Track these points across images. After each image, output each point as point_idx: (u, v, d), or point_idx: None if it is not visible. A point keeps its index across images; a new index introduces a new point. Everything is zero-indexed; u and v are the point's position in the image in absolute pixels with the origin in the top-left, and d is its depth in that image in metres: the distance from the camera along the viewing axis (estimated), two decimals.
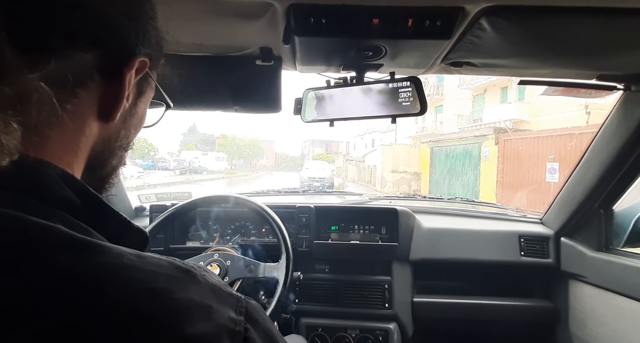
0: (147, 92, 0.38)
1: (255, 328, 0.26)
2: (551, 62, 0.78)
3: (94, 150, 0.32)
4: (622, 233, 1.09)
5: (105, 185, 0.37)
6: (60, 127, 0.28)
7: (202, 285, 0.26)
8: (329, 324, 1.23)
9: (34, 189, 0.25)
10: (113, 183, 0.38)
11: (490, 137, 8.55)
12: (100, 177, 0.36)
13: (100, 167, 0.34)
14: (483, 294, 1.27)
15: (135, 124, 0.37)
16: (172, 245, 1.30)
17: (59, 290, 0.21)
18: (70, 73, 0.27)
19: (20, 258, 0.21)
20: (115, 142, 0.35)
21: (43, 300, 0.20)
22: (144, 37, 0.33)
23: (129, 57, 0.31)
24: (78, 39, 0.27)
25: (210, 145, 29.69)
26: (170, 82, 0.42)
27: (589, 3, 0.53)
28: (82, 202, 0.28)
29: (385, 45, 0.67)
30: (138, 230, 0.33)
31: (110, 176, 0.37)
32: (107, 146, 0.34)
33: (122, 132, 0.35)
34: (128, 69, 0.31)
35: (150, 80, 0.37)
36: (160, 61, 0.39)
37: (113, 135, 0.34)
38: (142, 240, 0.33)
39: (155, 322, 0.22)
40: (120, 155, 0.37)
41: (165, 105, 0.45)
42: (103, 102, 0.31)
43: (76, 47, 0.27)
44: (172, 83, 0.42)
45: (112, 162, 0.36)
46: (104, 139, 0.33)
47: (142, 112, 0.38)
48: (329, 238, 1.29)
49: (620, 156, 0.97)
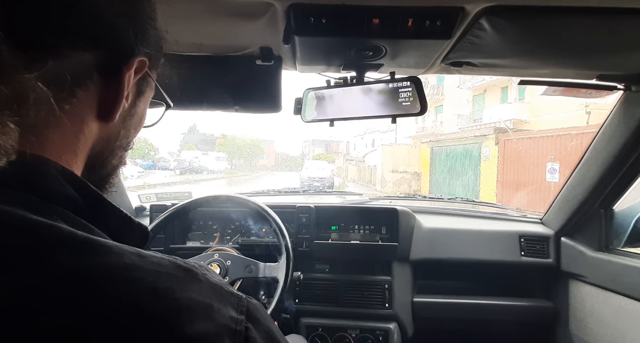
0: (146, 92, 0.38)
1: (256, 328, 0.26)
2: (551, 62, 0.78)
3: (94, 149, 0.32)
4: (622, 233, 1.09)
5: (106, 185, 0.37)
6: (58, 127, 0.28)
7: (204, 284, 0.26)
8: (329, 324, 1.23)
9: (34, 186, 0.25)
10: (113, 183, 0.38)
11: (491, 137, 8.55)
12: (101, 177, 0.35)
13: (100, 166, 0.34)
14: (483, 294, 1.27)
15: (135, 123, 0.37)
16: (172, 245, 1.30)
17: (59, 289, 0.21)
18: (69, 73, 0.27)
19: (20, 257, 0.21)
20: (114, 141, 0.35)
21: (43, 299, 0.20)
22: (143, 37, 0.33)
23: (127, 57, 0.31)
24: (76, 38, 0.27)
25: (211, 145, 29.68)
26: (170, 81, 0.42)
27: (589, 3, 0.53)
28: (83, 199, 0.28)
29: (385, 45, 0.67)
30: (139, 225, 0.33)
31: (110, 176, 0.37)
32: (106, 146, 0.34)
33: (122, 132, 0.35)
34: (127, 69, 0.31)
35: (149, 80, 0.37)
36: (160, 61, 0.38)
37: (113, 135, 0.34)
38: (142, 236, 0.33)
39: (156, 321, 0.22)
40: (120, 155, 0.37)
41: (165, 105, 0.45)
42: (102, 102, 0.31)
43: (74, 47, 0.27)
44: (172, 83, 0.42)
45: (111, 161, 0.36)
46: (104, 139, 0.33)
47: (141, 112, 0.38)
48: (329, 238, 1.29)
49: (621, 156, 0.97)
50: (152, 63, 0.35)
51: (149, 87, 0.38)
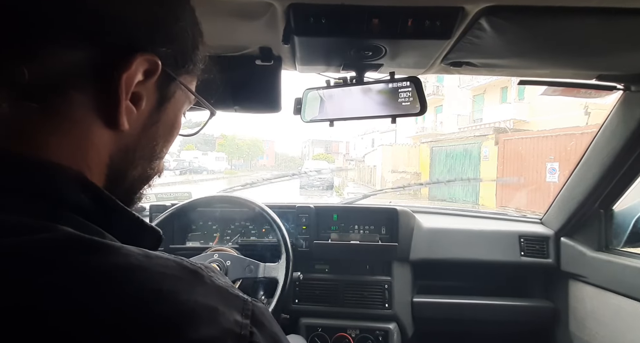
0: (176, 97, 0.34)
1: (261, 332, 0.25)
2: (551, 62, 0.78)
3: (112, 161, 0.30)
4: (622, 233, 1.09)
5: (132, 196, 0.35)
6: (61, 132, 0.27)
7: (209, 286, 0.26)
8: (328, 324, 1.23)
9: (44, 192, 0.25)
10: (142, 195, 0.36)
11: (490, 137, 8.55)
12: (126, 190, 0.33)
13: (121, 179, 0.32)
14: (483, 294, 1.27)
15: (164, 132, 0.34)
16: (172, 245, 1.30)
17: (64, 290, 0.21)
18: (58, 72, 0.26)
19: (25, 260, 0.21)
20: (134, 152, 0.32)
21: (47, 301, 0.20)
22: (155, 33, 0.29)
23: (123, 55, 0.27)
24: (63, 34, 0.25)
25: (210, 145, 29.68)
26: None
27: (588, 3, 0.53)
28: (94, 204, 0.27)
29: (385, 45, 0.67)
30: (151, 228, 0.32)
31: (135, 188, 0.35)
32: (125, 157, 0.31)
33: (144, 141, 0.32)
34: (124, 69, 0.27)
35: (178, 84, 0.33)
36: (195, 62, 0.34)
37: (131, 145, 0.31)
38: (155, 239, 0.32)
39: (160, 324, 0.21)
40: (143, 166, 0.34)
41: (209, 113, 0.42)
42: (101, 107, 0.28)
43: (61, 44, 0.25)
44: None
45: (133, 173, 0.33)
46: (121, 149, 0.30)
47: (171, 120, 0.35)
48: (329, 238, 1.29)
49: (620, 156, 0.97)
50: (177, 63, 0.32)
51: (179, 91, 0.34)
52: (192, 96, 0.36)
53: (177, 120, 0.36)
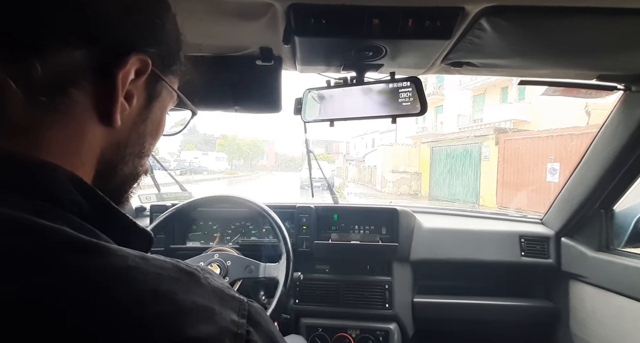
0: (162, 96, 0.36)
1: (257, 331, 0.26)
2: (551, 62, 0.78)
3: (104, 156, 0.31)
4: (622, 233, 1.09)
5: (123, 194, 0.36)
6: (59, 130, 0.27)
7: (205, 287, 0.26)
8: (329, 324, 1.23)
9: (42, 191, 0.25)
10: (131, 193, 0.37)
11: (491, 137, 8.56)
12: (115, 186, 0.34)
13: (112, 174, 0.33)
14: (483, 294, 1.27)
15: (151, 130, 0.35)
16: (173, 245, 1.30)
17: (61, 291, 0.21)
18: (60, 72, 0.26)
19: (23, 260, 0.21)
20: (125, 148, 0.33)
21: (45, 301, 0.20)
22: (146, 34, 0.31)
23: (120, 55, 0.29)
24: (65, 35, 0.26)
25: (211, 145, 29.71)
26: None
27: (589, 3, 0.53)
28: (90, 205, 0.27)
29: (385, 45, 0.67)
30: (143, 231, 0.33)
31: (126, 185, 0.36)
32: (116, 152, 0.32)
33: (134, 138, 0.33)
34: (121, 68, 0.29)
35: (164, 83, 0.35)
36: (177, 63, 0.36)
37: (122, 141, 0.32)
38: (147, 241, 0.33)
39: (157, 324, 0.22)
40: (134, 162, 0.35)
41: (190, 112, 0.43)
42: (99, 104, 0.29)
43: (63, 44, 0.26)
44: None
45: (123, 169, 0.34)
46: (113, 145, 0.32)
47: (158, 117, 0.36)
48: (329, 239, 1.29)
49: (621, 156, 0.97)
50: (163, 64, 0.34)
51: (164, 91, 0.36)
52: (175, 95, 0.38)
53: (162, 118, 0.37)
